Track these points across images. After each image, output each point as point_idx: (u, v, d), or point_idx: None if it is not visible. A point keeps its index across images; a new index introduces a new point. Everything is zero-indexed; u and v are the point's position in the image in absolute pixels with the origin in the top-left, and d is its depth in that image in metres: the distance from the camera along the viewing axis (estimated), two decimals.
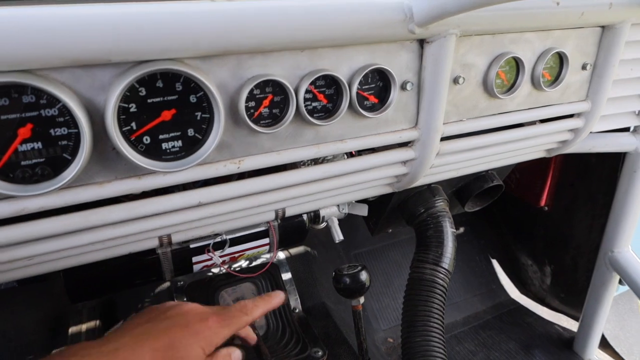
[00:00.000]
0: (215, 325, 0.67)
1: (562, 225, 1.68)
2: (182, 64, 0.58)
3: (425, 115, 0.81)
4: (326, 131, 0.75)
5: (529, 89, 0.91)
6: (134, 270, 0.91)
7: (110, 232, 0.67)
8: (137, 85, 0.58)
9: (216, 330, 0.67)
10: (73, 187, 0.60)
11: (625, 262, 1.32)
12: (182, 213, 0.72)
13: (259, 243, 1.01)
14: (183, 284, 1.35)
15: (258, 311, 0.74)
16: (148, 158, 0.61)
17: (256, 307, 0.74)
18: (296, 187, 0.80)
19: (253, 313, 0.73)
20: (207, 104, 0.63)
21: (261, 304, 0.75)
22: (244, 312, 0.72)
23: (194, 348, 0.63)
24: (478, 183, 1.24)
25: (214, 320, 0.67)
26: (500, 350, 1.62)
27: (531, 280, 1.92)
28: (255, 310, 0.73)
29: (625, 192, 1.25)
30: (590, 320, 1.48)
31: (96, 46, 0.50)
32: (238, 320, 0.70)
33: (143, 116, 0.60)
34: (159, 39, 0.53)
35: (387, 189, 0.98)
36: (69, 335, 1.25)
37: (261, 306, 0.75)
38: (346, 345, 1.39)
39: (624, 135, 1.17)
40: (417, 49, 0.76)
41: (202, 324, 0.66)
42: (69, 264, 0.71)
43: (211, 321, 0.67)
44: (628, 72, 1.01)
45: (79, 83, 0.55)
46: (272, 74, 0.65)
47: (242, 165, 0.69)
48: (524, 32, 0.85)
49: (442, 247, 1.12)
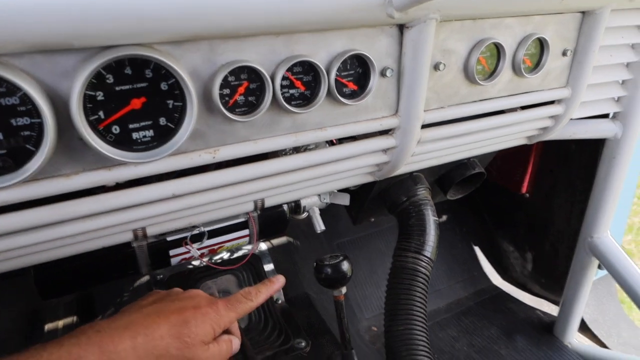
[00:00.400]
0: (223, 309, 0.71)
1: (542, 211, 1.69)
2: (151, 50, 0.55)
3: (406, 103, 0.80)
4: (304, 119, 0.73)
5: (510, 75, 0.91)
6: (109, 265, 0.88)
7: (80, 226, 0.65)
8: (103, 72, 0.55)
9: (224, 314, 0.71)
10: (38, 179, 0.57)
11: (604, 247, 1.33)
12: (156, 205, 0.70)
13: (238, 235, 0.99)
14: (163, 277, 1.32)
15: (262, 296, 0.78)
16: (117, 148, 0.58)
17: (259, 292, 0.78)
18: (275, 177, 0.78)
19: (258, 298, 0.77)
20: (179, 92, 0.60)
21: (264, 289, 0.79)
22: (249, 298, 0.76)
23: (206, 327, 0.67)
24: (460, 171, 1.24)
25: (222, 304, 0.72)
26: (482, 336, 1.64)
27: (513, 267, 1.94)
28: (259, 296, 0.77)
29: (605, 178, 1.26)
30: (570, 305, 1.50)
31: (55, 30, 0.47)
32: (244, 305, 0.74)
33: (111, 105, 0.57)
34: (124, 22, 0.50)
35: (369, 178, 0.96)
36: (45, 333, 1.22)
37: (264, 291, 0.78)
38: (329, 335, 1.39)
39: (603, 121, 1.18)
40: (397, 35, 0.75)
41: (211, 307, 0.70)
42: (38, 259, 0.69)
43: (220, 305, 0.71)
44: (608, 59, 1.01)
45: (39, 70, 0.52)
46: (247, 59, 0.63)
47: (217, 155, 0.67)
48: (505, 17, 0.83)
49: (424, 235, 1.12)
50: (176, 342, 0.63)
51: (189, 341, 0.64)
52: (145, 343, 0.61)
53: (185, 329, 0.65)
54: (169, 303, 0.69)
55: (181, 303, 0.69)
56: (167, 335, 0.63)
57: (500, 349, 1.57)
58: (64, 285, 0.86)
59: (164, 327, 0.64)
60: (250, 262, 1.44)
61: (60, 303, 1.29)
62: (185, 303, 0.69)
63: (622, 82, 1.11)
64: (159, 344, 0.62)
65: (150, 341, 0.62)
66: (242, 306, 0.74)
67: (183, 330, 0.65)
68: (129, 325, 0.63)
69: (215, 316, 0.69)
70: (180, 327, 0.65)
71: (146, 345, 0.61)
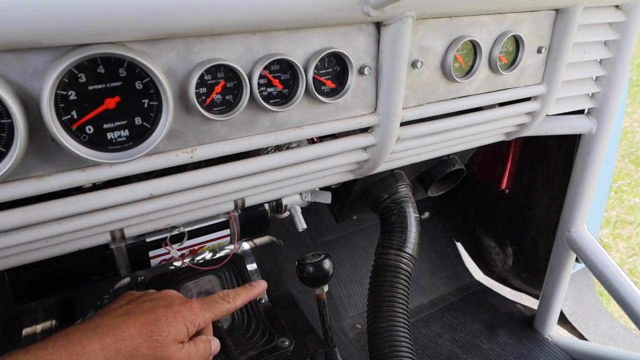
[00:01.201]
0: (198, 308, 0.70)
1: (522, 207, 1.72)
2: (125, 48, 0.54)
3: (384, 100, 0.80)
4: (283, 117, 0.73)
5: (487, 72, 0.92)
6: (87, 267, 0.86)
7: (55, 229, 0.64)
8: (75, 70, 0.54)
9: (198, 313, 0.70)
10: (9, 181, 0.56)
11: (581, 241, 1.36)
12: (133, 206, 0.69)
13: (219, 234, 0.98)
14: (144, 279, 1.31)
15: (240, 300, 0.77)
16: (91, 149, 0.57)
17: (238, 295, 0.77)
18: (254, 176, 0.78)
19: (236, 301, 0.76)
20: (154, 91, 0.59)
21: (243, 292, 0.78)
22: (226, 300, 0.75)
23: (178, 324, 0.66)
24: (440, 168, 1.25)
25: (197, 303, 0.71)
26: (465, 331, 1.66)
27: (494, 262, 1.96)
28: (238, 299, 0.77)
29: (581, 173, 1.29)
30: (550, 298, 1.53)
31: (24, 28, 0.46)
32: (220, 306, 0.74)
33: (84, 104, 0.56)
34: (96, 20, 0.49)
35: (349, 176, 0.97)
36: (22, 337, 1.20)
37: (243, 295, 0.78)
38: (313, 334, 1.39)
39: (578, 117, 1.20)
40: (374, 33, 0.75)
41: (185, 306, 0.69)
42: (12, 263, 0.67)
43: (194, 304, 0.71)
44: (581, 55, 1.03)
45: (9, 69, 0.50)
46: (223, 58, 0.63)
47: (195, 154, 0.67)
48: (481, 15, 0.84)
49: (405, 232, 1.12)
50: (147, 341, 0.63)
51: (160, 340, 0.64)
52: (115, 343, 0.61)
53: (156, 327, 0.64)
54: (140, 304, 0.68)
55: (153, 303, 0.68)
56: (137, 335, 0.62)
57: (482, 343, 1.59)
58: (40, 288, 0.84)
59: (134, 327, 0.63)
60: (232, 262, 1.43)
61: (39, 307, 1.27)
62: (157, 303, 0.69)
63: (596, 79, 1.13)
64: (129, 344, 0.62)
65: (120, 341, 0.61)
66: (218, 307, 0.73)
67: (154, 329, 0.64)
68: (97, 327, 0.62)
69: (189, 315, 0.68)
70: (150, 326, 0.64)
71: (115, 345, 0.61)
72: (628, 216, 2.80)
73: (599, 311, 1.76)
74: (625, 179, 3.17)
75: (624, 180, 3.16)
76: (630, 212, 2.84)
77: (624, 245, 2.57)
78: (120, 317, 0.64)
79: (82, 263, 0.86)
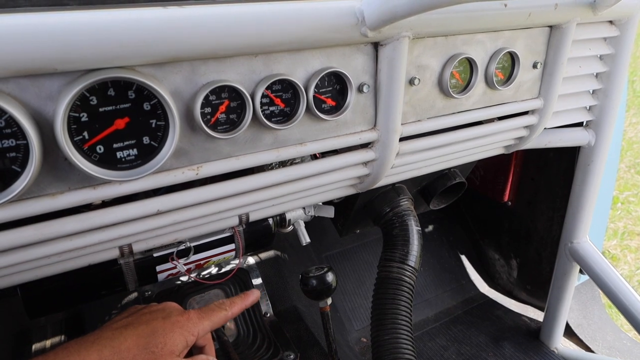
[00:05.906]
0: (196, 317, 0.72)
1: (525, 219, 1.73)
2: (133, 72, 0.57)
3: (383, 117, 0.83)
4: (285, 135, 0.76)
5: (483, 88, 0.94)
6: (96, 282, 0.89)
7: (66, 244, 0.66)
8: (87, 94, 0.57)
9: (196, 322, 0.72)
10: (24, 199, 0.58)
11: (584, 252, 1.36)
12: (141, 222, 0.71)
13: (224, 249, 1.00)
14: (151, 294, 1.33)
15: (236, 307, 0.79)
16: (102, 167, 0.60)
17: (234, 303, 0.80)
18: (258, 192, 0.80)
19: (232, 309, 0.78)
20: (161, 111, 0.62)
21: (238, 301, 0.81)
22: (223, 308, 0.77)
23: (176, 335, 0.68)
24: (441, 181, 1.27)
25: (194, 313, 0.73)
26: (470, 344, 1.65)
27: (499, 274, 1.97)
28: (233, 307, 0.79)
29: (581, 184, 1.30)
30: (555, 310, 1.53)
31: (39, 55, 0.49)
32: (217, 314, 0.76)
33: (95, 125, 0.59)
34: (106, 46, 0.53)
35: (351, 190, 0.99)
36: (32, 353, 1.21)
37: (238, 303, 0.80)
38: (318, 347, 1.40)
39: (577, 130, 1.22)
40: (372, 52, 0.78)
41: (182, 316, 0.71)
42: (25, 278, 0.70)
43: (192, 314, 0.73)
44: (577, 70, 1.06)
45: (25, 93, 0.53)
46: (227, 79, 0.65)
47: (200, 171, 0.69)
48: (476, 34, 0.87)
49: (408, 245, 1.14)
50: (144, 352, 0.64)
51: (156, 351, 0.65)
52: (112, 355, 0.62)
53: (153, 339, 0.66)
54: (139, 316, 0.70)
55: (152, 315, 0.70)
56: (134, 347, 0.64)
57: (489, 356, 1.59)
58: (51, 303, 0.87)
59: (131, 339, 0.65)
60: (238, 277, 1.45)
61: (48, 322, 1.29)
62: (156, 315, 0.70)
63: (593, 92, 1.15)
64: (126, 356, 0.63)
65: (117, 353, 0.63)
66: (215, 315, 0.75)
67: (150, 341, 0.65)
68: (96, 339, 0.64)
69: (187, 324, 0.70)
70: (147, 337, 0.66)
71: (113, 357, 0.62)
72: (636, 227, 2.78)
73: (606, 323, 1.75)
74: (632, 189, 3.15)
75: (631, 191, 3.14)
76: (637, 223, 2.82)
77: (633, 257, 2.55)
78: (119, 329, 0.66)
79: (91, 278, 0.88)
